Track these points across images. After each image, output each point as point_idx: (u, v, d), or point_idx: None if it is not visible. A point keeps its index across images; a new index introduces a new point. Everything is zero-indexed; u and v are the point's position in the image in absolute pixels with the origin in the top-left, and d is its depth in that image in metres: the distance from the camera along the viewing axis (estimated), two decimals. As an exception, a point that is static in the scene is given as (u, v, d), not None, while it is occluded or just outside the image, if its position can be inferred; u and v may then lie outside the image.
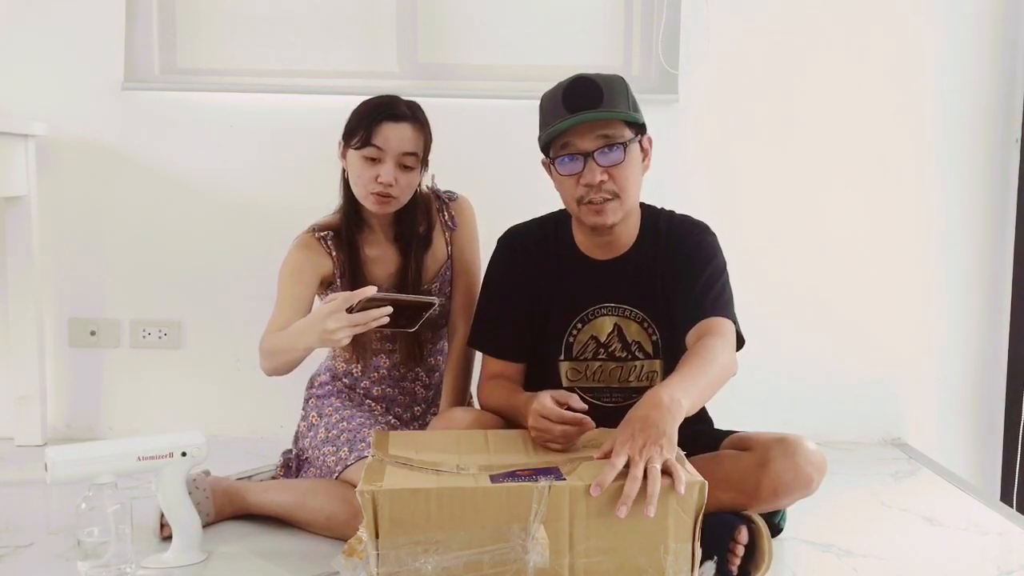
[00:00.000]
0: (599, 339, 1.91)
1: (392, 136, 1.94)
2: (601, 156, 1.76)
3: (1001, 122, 2.69)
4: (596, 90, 1.76)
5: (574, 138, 1.76)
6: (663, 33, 2.65)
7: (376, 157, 1.95)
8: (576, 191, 1.79)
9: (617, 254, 1.90)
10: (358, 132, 1.96)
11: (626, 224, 1.87)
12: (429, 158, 2.04)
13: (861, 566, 1.83)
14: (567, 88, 1.78)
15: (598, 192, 1.77)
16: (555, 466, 1.53)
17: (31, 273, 2.57)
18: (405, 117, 1.96)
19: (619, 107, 1.77)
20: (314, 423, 2.08)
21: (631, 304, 1.89)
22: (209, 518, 1.94)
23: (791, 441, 1.75)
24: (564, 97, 1.77)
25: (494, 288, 1.97)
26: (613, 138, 1.76)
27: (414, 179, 2.00)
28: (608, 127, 1.76)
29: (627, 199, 1.80)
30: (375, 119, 1.95)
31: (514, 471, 1.51)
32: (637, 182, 1.83)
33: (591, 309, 1.90)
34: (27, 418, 2.60)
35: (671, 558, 1.45)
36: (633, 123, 1.79)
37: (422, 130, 1.99)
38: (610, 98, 1.76)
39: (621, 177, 1.77)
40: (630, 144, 1.78)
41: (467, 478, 1.48)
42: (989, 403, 2.76)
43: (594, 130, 1.75)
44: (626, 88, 1.81)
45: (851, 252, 2.71)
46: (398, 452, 1.61)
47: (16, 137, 2.47)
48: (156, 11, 2.66)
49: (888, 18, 2.65)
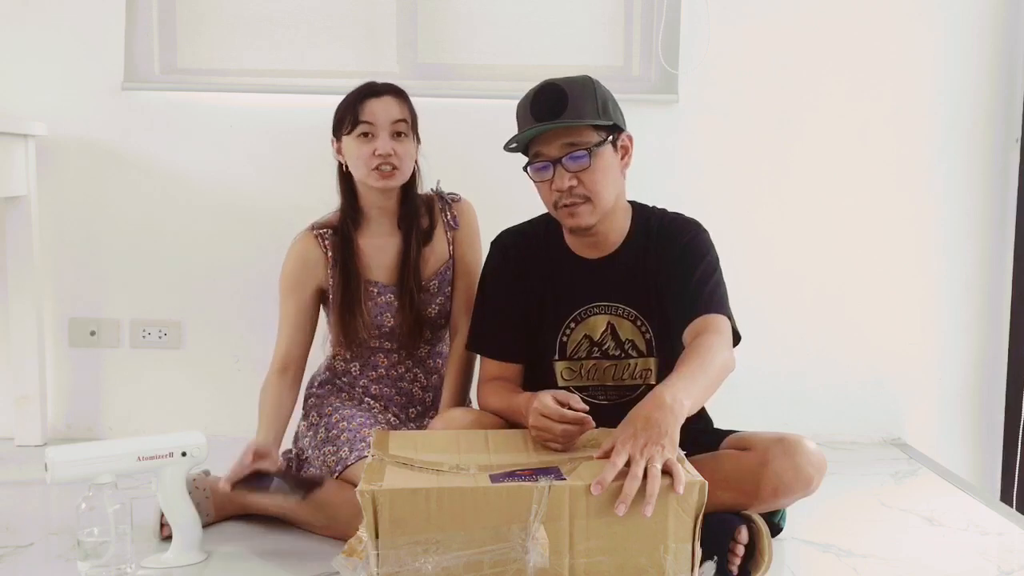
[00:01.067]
0: (592, 338, 1.91)
1: (378, 109, 2.01)
2: (568, 162, 1.78)
3: (1001, 122, 2.69)
4: (561, 97, 1.78)
5: (542, 146, 1.80)
6: (663, 33, 2.65)
7: (368, 132, 2.01)
8: (550, 195, 1.83)
9: (607, 252, 1.91)
10: (346, 118, 2.03)
11: (611, 223, 1.88)
12: (419, 133, 2.09)
13: (861, 566, 1.83)
14: (534, 96, 1.82)
15: (570, 196, 1.80)
16: (555, 466, 1.53)
17: (31, 273, 2.57)
18: (385, 91, 2.04)
19: (585, 112, 1.78)
20: (314, 423, 2.08)
21: (623, 302, 1.90)
22: (209, 518, 1.95)
23: (791, 441, 1.75)
24: (531, 105, 1.81)
25: (489, 290, 1.99)
26: (579, 144, 1.78)
27: (410, 147, 2.05)
28: (573, 134, 1.79)
29: (600, 201, 1.82)
30: (357, 100, 2.02)
31: (514, 471, 1.51)
32: (611, 183, 1.83)
33: (584, 308, 1.91)
34: (27, 418, 2.60)
35: (671, 558, 1.45)
36: (603, 126, 1.81)
37: (405, 100, 2.06)
38: (575, 104, 1.77)
39: (590, 181, 1.79)
40: (597, 148, 1.79)
41: (467, 478, 1.48)
42: (989, 403, 2.76)
43: (560, 137, 1.79)
44: (594, 90, 1.82)
45: (851, 252, 2.71)
46: (398, 452, 1.61)
47: (16, 137, 2.47)
48: (156, 11, 2.66)
49: (888, 18, 2.65)
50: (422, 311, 2.10)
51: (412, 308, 2.08)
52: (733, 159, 2.69)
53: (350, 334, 2.07)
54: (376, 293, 2.10)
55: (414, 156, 2.07)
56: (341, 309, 2.06)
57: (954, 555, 1.90)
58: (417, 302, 2.08)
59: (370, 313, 2.08)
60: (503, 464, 1.55)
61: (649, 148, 2.64)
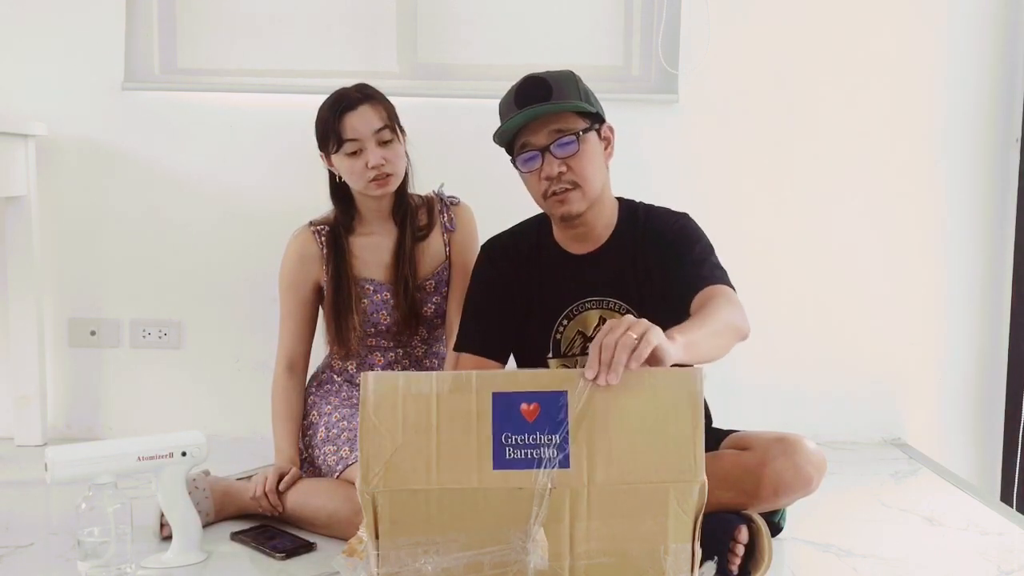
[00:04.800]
0: (585, 333, 1.92)
1: (358, 123, 2.02)
2: (557, 148, 1.80)
3: (1001, 122, 2.69)
4: (545, 87, 1.81)
5: (529, 136, 1.82)
6: (663, 33, 2.65)
7: (356, 149, 2.02)
8: (540, 186, 1.84)
9: (596, 246, 1.92)
10: (329, 137, 2.04)
11: (599, 214, 1.89)
12: (402, 124, 2.09)
13: (861, 566, 1.83)
14: (518, 88, 1.85)
15: (559, 183, 1.81)
16: (564, 390, 1.42)
17: (31, 273, 2.57)
18: (359, 101, 2.04)
19: (569, 98, 1.81)
20: (314, 422, 2.09)
21: (614, 296, 1.90)
22: (209, 518, 1.95)
23: (791, 441, 1.75)
24: (515, 96, 1.83)
25: (474, 295, 1.99)
26: (566, 131, 1.80)
27: (399, 149, 2.06)
28: (560, 121, 1.81)
29: (588, 188, 1.83)
30: (335, 117, 2.03)
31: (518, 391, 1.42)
32: (598, 170, 1.85)
33: (576, 304, 1.91)
34: (27, 418, 2.60)
35: (671, 558, 1.44)
36: (587, 114, 1.82)
37: (379, 103, 2.06)
38: (559, 93, 1.80)
39: (579, 167, 1.81)
40: (584, 134, 1.81)
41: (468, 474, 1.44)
42: (989, 403, 2.76)
43: (547, 125, 1.80)
44: (575, 81, 1.85)
45: (851, 252, 2.71)
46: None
47: (16, 137, 2.47)
48: (156, 11, 2.66)
49: (888, 18, 2.65)
50: (417, 304, 2.11)
51: (407, 298, 2.09)
52: (733, 159, 2.69)
53: (342, 333, 2.08)
54: (372, 291, 2.10)
55: (404, 153, 2.08)
56: (333, 309, 2.09)
57: (954, 555, 1.90)
58: (411, 290, 2.09)
59: (365, 311, 2.09)
60: (506, 385, 1.43)
61: (649, 148, 2.65)
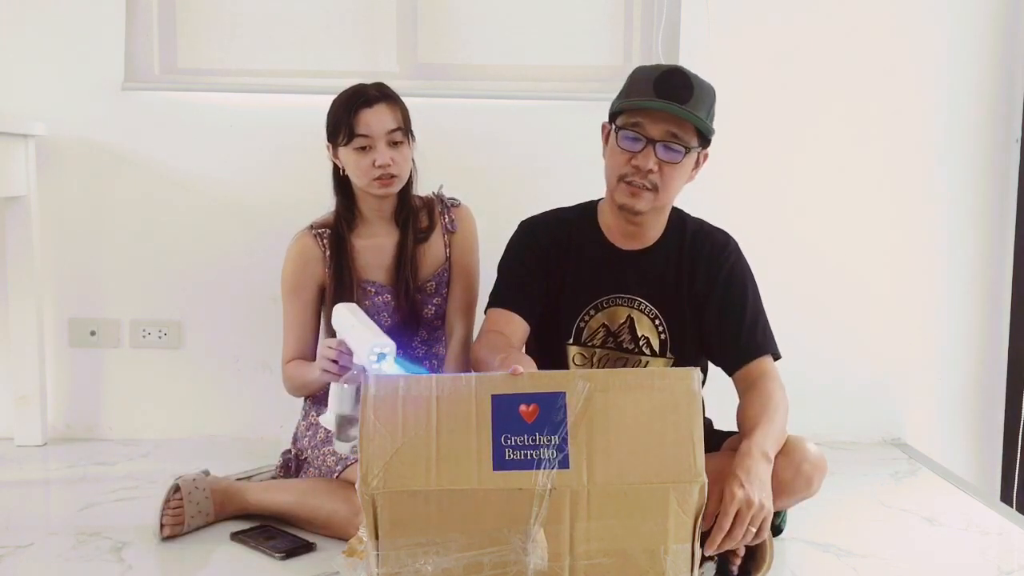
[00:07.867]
0: (610, 327, 1.92)
1: (372, 120, 2.01)
2: (663, 150, 1.79)
3: (1001, 122, 2.68)
4: (689, 89, 1.78)
5: (646, 121, 1.79)
6: (663, 33, 2.64)
7: (365, 145, 2.01)
8: (623, 167, 1.82)
9: (642, 246, 1.93)
10: (340, 129, 2.03)
11: (655, 218, 1.90)
12: (413, 131, 2.08)
13: (861, 566, 1.83)
14: (663, 73, 1.80)
15: (643, 178, 1.80)
16: (562, 391, 1.43)
17: (31, 273, 2.57)
18: (376, 99, 2.03)
19: (702, 112, 1.80)
20: (313, 423, 2.09)
21: (646, 298, 1.91)
22: (209, 518, 1.95)
23: (791, 441, 1.76)
24: (657, 80, 1.79)
25: (510, 260, 1.96)
26: (680, 138, 1.79)
27: (407, 153, 2.06)
28: (680, 126, 1.78)
29: (664, 196, 1.83)
30: (351, 111, 2.02)
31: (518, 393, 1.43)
32: (679, 186, 1.86)
33: (608, 297, 1.92)
34: (27, 418, 2.60)
35: (671, 559, 1.45)
36: (703, 133, 1.81)
37: (396, 104, 2.06)
38: (697, 102, 1.78)
39: (669, 176, 1.81)
40: (691, 151, 1.80)
41: (468, 475, 1.45)
42: (989, 403, 2.76)
43: (667, 122, 1.78)
44: (713, 99, 1.83)
45: (851, 252, 2.71)
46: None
47: (16, 137, 2.46)
48: (156, 11, 2.66)
49: (888, 19, 2.65)
50: (417, 306, 2.11)
51: (407, 299, 2.08)
52: (733, 159, 2.67)
53: None
54: (373, 293, 2.10)
55: (411, 158, 2.08)
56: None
57: (954, 555, 1.90)
58: (412, 292, 2.09)
59: (366, 313, 2.08)
60: (505, 386, 1.44)
61: (649, 148, 2.64)
